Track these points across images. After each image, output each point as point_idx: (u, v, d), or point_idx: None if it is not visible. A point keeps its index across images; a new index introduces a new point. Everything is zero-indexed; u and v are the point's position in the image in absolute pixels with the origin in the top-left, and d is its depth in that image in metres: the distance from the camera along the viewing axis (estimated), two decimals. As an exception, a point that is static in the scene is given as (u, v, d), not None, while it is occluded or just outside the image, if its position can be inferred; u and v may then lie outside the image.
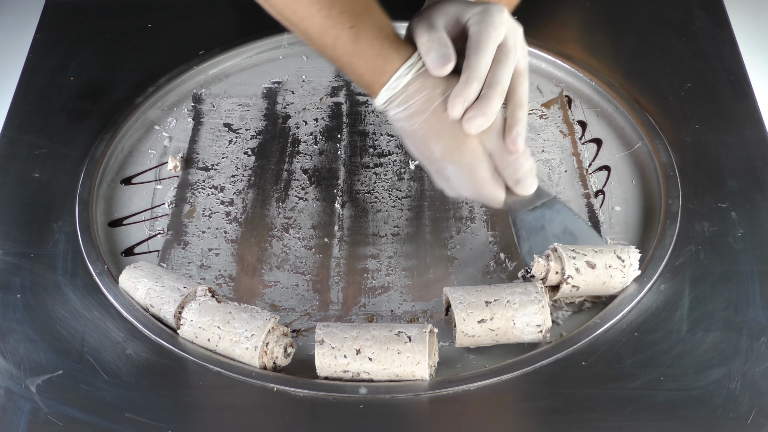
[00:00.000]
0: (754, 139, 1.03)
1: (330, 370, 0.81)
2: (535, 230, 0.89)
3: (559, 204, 0.91)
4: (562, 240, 0.89)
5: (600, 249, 0.87)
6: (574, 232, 0.90)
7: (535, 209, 0.89)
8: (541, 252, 0.87)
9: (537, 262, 0.86)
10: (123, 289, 0.89)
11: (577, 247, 0.87)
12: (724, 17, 1.20)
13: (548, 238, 0.89)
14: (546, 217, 0.89)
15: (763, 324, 0.85)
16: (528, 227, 0.89)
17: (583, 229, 0.91)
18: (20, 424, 0.79)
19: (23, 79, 1.14)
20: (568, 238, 0.89)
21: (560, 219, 0.90)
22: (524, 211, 0.89)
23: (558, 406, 0.80)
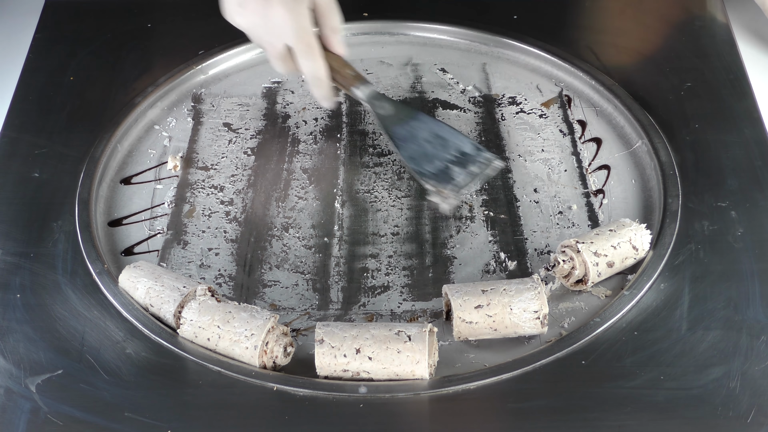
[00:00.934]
0: (753, 138, 1.04)
1: (330, 369, 0.81)
2: (408, 140, 0.99)
3: (422, 115, 1.02)
4: (432, 142, 0.98)
5: (617, 242, 0.89)
6: (442, 135, 0.99)
7: (404, 123, 1.00)
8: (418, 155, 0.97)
9: (560, 265, 0.89)
10: (123, 288, 0.89)
11: (595, 238, 0.89)
12: (723, 17, 1.20)
13: (421, 144, 0.98)
14: (414, 128, 1.00)
15: (762, 323, 0.85)
16: (402, 138, 0.99)
17: (448, 131, 1.00)
18: (20, 424, 0.79)
19: (23, 79, 1.14)
20: (439, 141, 0.99)
21: (426, 127, 1.00)
22: (395, 126, 1.00)
23: (558, 405, 0.80)
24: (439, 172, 0.96)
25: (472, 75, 1.17)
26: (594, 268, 0.88)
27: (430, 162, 0.97)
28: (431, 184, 0.95)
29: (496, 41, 1.19)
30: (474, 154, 0.97)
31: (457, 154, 0.97)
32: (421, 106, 1.13)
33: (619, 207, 0.99)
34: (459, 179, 0.95)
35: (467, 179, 0.96)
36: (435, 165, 0.97)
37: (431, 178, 0.95)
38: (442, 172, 0.96)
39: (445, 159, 0.97)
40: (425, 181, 0.95)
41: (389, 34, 1.22)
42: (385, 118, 1.01)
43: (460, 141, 0.99)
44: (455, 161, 0.97)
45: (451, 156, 0.97)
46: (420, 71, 1.17)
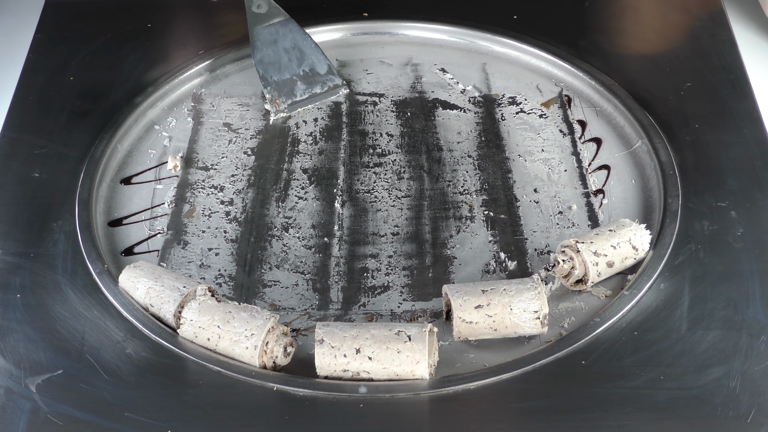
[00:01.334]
0: (753, 138, 1.04)
1: (330, 369, 0.81)
2: (268, 43, 1.01)
3: (293, 24, 1.02)
4: (289, 53, 1.00)
5: (617, 242, 0.89)
6: (303, 49, 1.01)
7: (271, 26, 1.01)
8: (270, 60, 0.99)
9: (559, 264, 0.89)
10: (123, 288, 0.89)
11: (595, 238, 0.89)
12: (723, 17, 1.20)
13: (279, 51, 1.00)
14: (279, 33, 1.01)
15: (762, 323, 0.85)
16: (262, 40, 1.00)
17: (311, 46, 1.01)
18: (20, 424, 0.78)
19: (23, 79, 1.14)
20: (297, 53, 1.01)
21: (292, 36, 1.01)
22: (260, 26, 1.00)
23: (558, 405, 0.80)
24: (282, 82, 0.98)
25: (472, 75, 1.17)
26: (594, 268, 0.88)
27: (278, 71, 0.99)
28: (269, 92, 0.97)
29: (496, 41, 1.19)
30: (324, 75, 0.99)
31: (308, 71, 0.99)
32: (421, 106, 1.13)
33: (619, 207, 0.99)
34: (298, 95, 0.98)
35: (306, 98, 0.98)
36: (282, 74, 0.99)
37: (272, 86, 0.97)
38: (286, 84, 0.98)
39: (294, 72, 0.99)
40: (265, 87, 0.97)
41: (389, 34, 1.22)
42: (255, 15, 1.01)
43: (318, 59, 1.00)
44: (303, 77, 0.99)
45: (302, 71, 0.99)
46: (420, 71, 1.17)
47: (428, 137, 1.09)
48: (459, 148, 1.07)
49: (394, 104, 1.13)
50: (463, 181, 1.03)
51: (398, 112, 1.12)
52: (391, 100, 1.14)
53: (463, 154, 1.07)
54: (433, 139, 1.09)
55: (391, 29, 1.22)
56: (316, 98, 0.97)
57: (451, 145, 1.08)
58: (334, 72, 0.98)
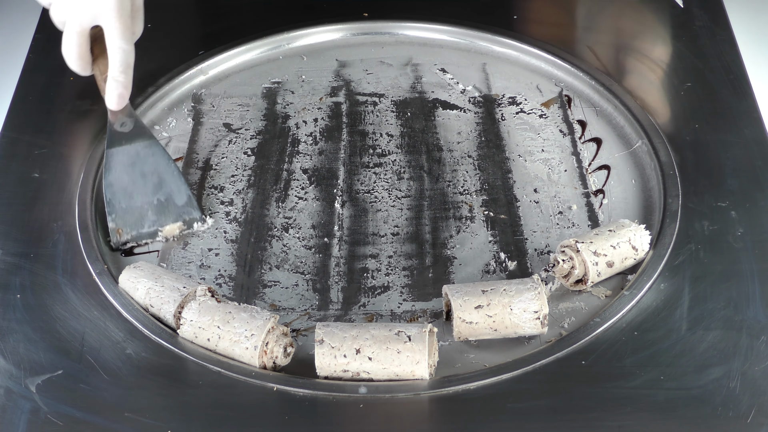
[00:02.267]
0: (753, 138, 1.04)
1: (330, 369, 0.81)
2: (123, 165, 0.94)
3: (157, 147, 0.95)
4: (147, 179, 0.94)
5: (617, 242, 0.89)
6: (163, 176, 0.94)
7: (131, 146, 0.94)
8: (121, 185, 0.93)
9: (559, 264, 0.89)
10: (123, 289, 0.89)
11: (595, 238, 0.89)
12: (723, 17, 1.20)
13: (134, 175, 0.94)
14: (140, 156, 0.94)
15: (762, 323, 0.85)
16: (118, 161, 0.94)
17: (173, 174, 0.95)
18: (20, 424, 0.78)
19: (23, 79, 1.14)
20: (155, 179, 0.94)
21: (153, 161, 0.95)
22: (119, 146, 0.94)
23: (557, 405, 0.80)
24: (130, 210, 0.94)
25: (472, 75, 1.17)
26: (593, 268, 0.88)
27: (129, 197, 0.94)
28: (113, 220, 0.93)
29: (496, 41, 1.19)
30: (181, 207, 0.95)
31: (163, 200, 0.94)
32: (421, 106, 1.13)
33: (619, 207, 0.99)
34: (145, 226, 0.94)
35: (153, 229, 0.94)
36: (132, 201, 0.94)
37: (117, 213, 0.93)
38: (134, 212, 0.94)
39: (147, 200, 0.94)
40: (110, 215, 0.93)
41: (389, 34, 1.22)
42: (116, 134, 0.95)
43: (179, 189, 0.95)
44: (156, 206, 0.94)
45: (156, 200, 0.94)
46: (420, 71, 1.17)
47: (428, 137, 1.09)
48: (459, 148, 1.07)
49: (394, 104, 1.13)
50: (463, 181, 1.03)
51: (398, 112, 1.12)
52: (391, 100, 1.14)
53: (463, 154, 1.07)
54: (433, 139, 1.09)
55: (391, 29, 1.22)
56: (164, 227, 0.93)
57: (451, 145, 1.08)
58: (194, 205, 0.94)
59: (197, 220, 0.95)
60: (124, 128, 0.95)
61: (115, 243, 0.94)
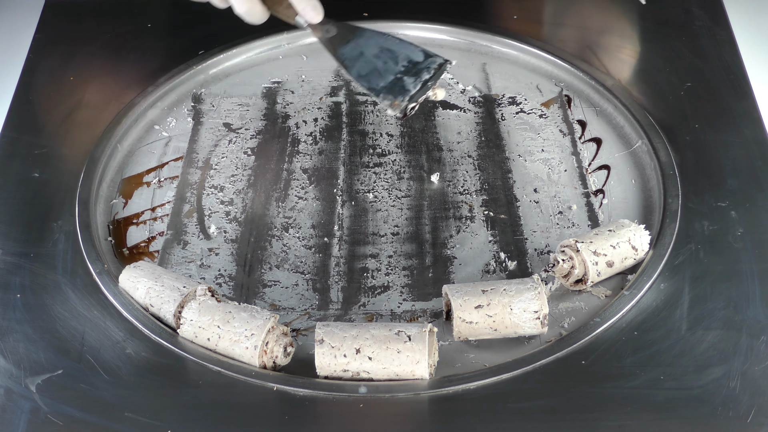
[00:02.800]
0: (753, 138, 1.04)
1: (330, 369, 0.81)
2: (356, 59, 0.98)
3: (367, 31, 1.00)
4: (381, 57, 0.98)
5: (617, 242, 0.89)
6: (390, 48, 0.99)
7: (349, 42, 0.99)
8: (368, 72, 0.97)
9: (559, 264, 0.89)
10: (123, 288, 0.89)
11: (595, 238, 0.89)
12: (723, 17, 1.20)
13: (369, 59, 0.98)
14: (361, 45, 0.99)
15: (762, 323, 0.85)
16: (350, 57, 0.98)
17: (396, 42, 0.99)
18: (20, 424, 0.79)
19: (23, 79, 1.14)
20: (387, 54, 0.98)
21: (373, 42, 0.99)
22: (341, 46, 0.99)
23: (557, 405, 0.80)
24: (390, 84, 0.96)
25: (472, 75, 1.17)
26: (593, 267, 0.88)
27: (380, 77, 0.97)
28: (386, 98, 0.95)
29: (496, 41, 1.19)
30: (422, 61, 0.97)
31: (407, 64, 0.98)
32: (421, 106, 1.12)
33: (619, 207, 0.99)
34: (411, 88, 0.96)
35: (419, 86, 0.96)
36: (386, 79, 0.97)
37: (384, 92, 0.96)
38: (394, 84, 0.96)
39: (395, 71, 0.97)
40: (379, 96, 0.96)
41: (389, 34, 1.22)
42: (330, 40, 1.00)
43: (409, 50, 0.99)
44: (405, 71, 0.97)
45: (401, 66, 0.97)
46: (420, 71, 1.17)
47: (428, 137, 1.09)
48: (459, 148, 1.07)
49: (394, 104, 1.13)
50: (463, 181, 1.03)
51: (398, 112, 1.12)
52: (391, 100, 1.13)
53: (463, 154, 1.07)
54: (433, 139, 1.09)
55: (391, 29, 1.22)
56: (429, 82, 0.97)
57: (451, 145, 1.08)
58: (429, 52, 0.98)
59: (444, 63, 0.98)
60: (330, 34, 1.00)
61: (401, 112, 0.96)
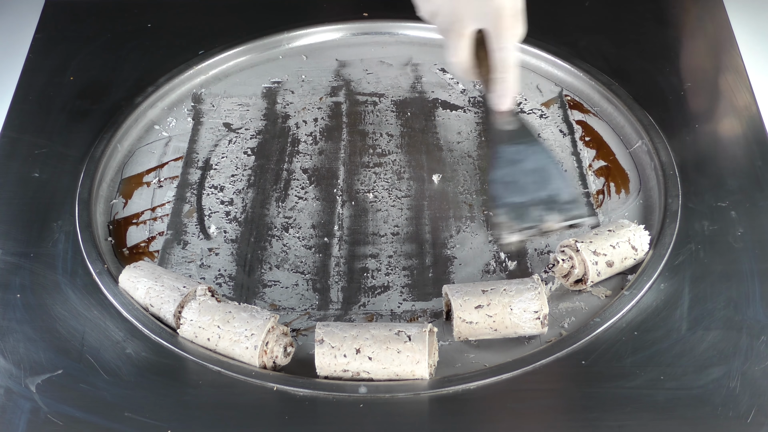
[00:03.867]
0: (753, 138, 1.04)
1: (330, 369, 0.81)
2: (509, 163, 0.92)
3: (540, 146, 0.93)
4: (533, 176, 0.91)
5: (616, 242, 0.89)
6: (548, 172, 0.91)
7: (514, 144, 0.93)
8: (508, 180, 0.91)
9: (559, 264, 0.89)
10: (123, 288, 0.89)
11: (594, 237, 0.89)
12: (723, 17, 1.20)
13: (520, 172, 0.91)
14: (523, 154, 0.92)
15: (762, 323, 0.85)
16: (505, 158, 0.92)
17: (557, 171, 0.92)
18: (20, 424, 0.78)
19: (23, 79, 1.14)
20: (540, 176, 0.91)
21: (536, 158, 0.92)
22: (507, 144, 0.93)
23: (558, 405, 0.80)
24: (517, 205, 0.89)
25: (472, 75, 1.16)
26: (593, 267, 0.88)
27: (516, 192, 0.90)
28: (503, 213, 0.88)
29: (496, 41, 1.19)
30: (566, 203, 0.89)
31: (549, 197, 0.90)
32: (421, 106, 1.13)
33: (619, 207, 0.99)
34: (531, 222, 0.88)
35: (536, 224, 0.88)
36: (518, 197, 0.89)
37: (507, 207, 0.89)
38: (520, 208, 0.89)
39: (533, 197, 0.89)
40: (496, 207, 0.89)
41: (389, 34, 1.22)
42: (501, 133, 0.94)
43: (562, 185, 0.90)
44: (542, 203, 0.89)
45: (542, 196, 0.89)
46: (420, 71, 1.17)
47: (428, 137, 1.09)
48: (459, 148, 1.07)
49: (394, 104, 1.13)
50: (463, 181, 1.03)
51: (398, 112, 1.12)
52: (391, 100, 1.14)
53: (463, 154, 1.07)
54: (433, 139, 1.09)
55: (391, 29, 1.22)
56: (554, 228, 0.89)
57: (451, 145, 1.08)
58: (580, 200, 0.90)
59: (584, 216, 0.89)
60: (510, 126, 0.94)
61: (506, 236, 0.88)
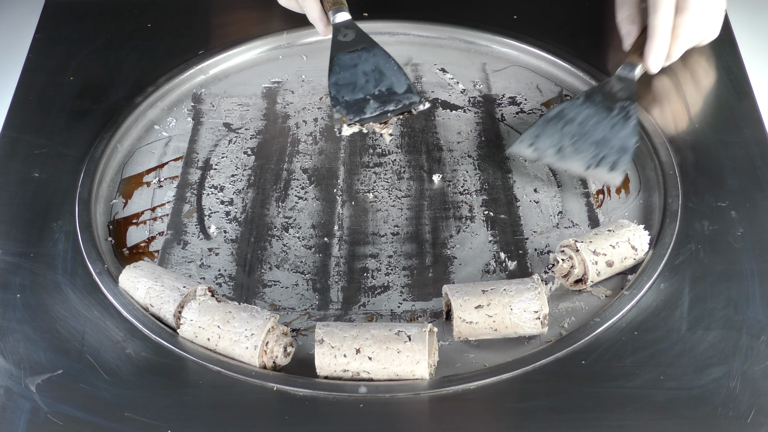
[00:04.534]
0: (753, 138, 1.04)
1: (330, 369, 0.81)
2: (346, 68, 1.02)
3: (378, 49, 1.04)
4: (370, 77, 1.02)
5: (616, 241, 0.89)
6: (383, 71, 1.02)
7: (354, 51, 1.02)
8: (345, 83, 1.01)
9: (558, 264, 0.89)
10: (123, 288, 0.89)
11: (594, 237, 0.89)
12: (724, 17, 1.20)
13: (357, 74, 1.02)
14: (361, 58, 1.03)
15: (762, 323, 0.85)
16: (341, 65, 1.02)
17: (393, 68, 1.03)
18: (20, 424, 0.79)
19: (23, 79, 1.14)
20: (376, 75, 1.02)
21: (374, 60, 1.02)
22: (343, 52, 1.03)
23: (558, 405, 0.80)
24: (354, 101, 0.99)
25: (472, 75, 1.17)
26: (593, 267, 0.88)
27: (351, 91, 1.01)
28: (338, 111, 0.99)
29: (496, 41, 1.19)
30: (401, 94, 1.00)
31: (384, 90, 1.00)
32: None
33: (619, 207, 0.99)
34: (367, 113, 1.00)
35: (376, 114, 0.99)
36: (354, 95, 1.00)
37: (341, 105, 0.99)
38: (357, 103, 0.99)
39: (369, 92, 1.00)
40: (334, 107, 0.99)
41: (389, 34, 1.22)
42: (339, 44, 1.04)
43: (398, 80, 1.01)
44: (377, 96, 1.00)
45: (378, 91, 1.00)
46: (420, 71, 1.17)
47: (428, 137, 1.09)
48: (459, 148, 1.07)
49: (394, 104, 1.13)
50: (463, 181, 1.03)
51: (398, 112, 1.12)
52: (391, 100, 1.14)
53: (463, 154, 1.07)
54: (433, 139, 1.09)
55: (391, 29, 1.22)
56: (388, 114, 1.00)
57: (451, 145, 1.08)
58: (413, 90, 1.01)
59: (417, 103, 1.00)
60: (347, 38, 1.04)
61: (338, 129, 1.01)
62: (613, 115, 1.00)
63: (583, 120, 1.01)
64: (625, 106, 1.00)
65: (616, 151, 0.99)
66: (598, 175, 0.98)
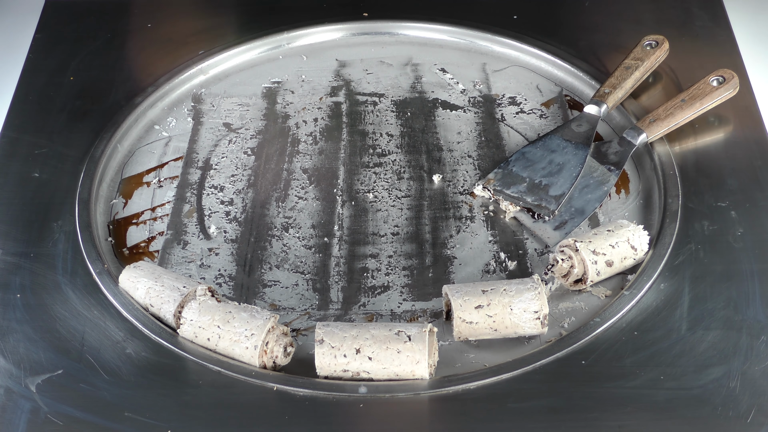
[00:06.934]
0: (753, 138, 1.04)
1: (330, 369, 0.81)
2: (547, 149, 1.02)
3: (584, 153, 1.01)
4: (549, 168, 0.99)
5: (615, 241, 0.89)
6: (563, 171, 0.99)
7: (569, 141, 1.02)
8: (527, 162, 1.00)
9: (558, 264, 0.89)
10: (123, 288, 0.89)
11: (593, 237, 0.89)
12: (724, 17, 1.20)
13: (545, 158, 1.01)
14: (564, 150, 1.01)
15: (762, 323, 0.85)
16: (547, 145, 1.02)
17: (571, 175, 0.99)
18: (20, 424, 0.79)
19: (23, 79, 1.14)
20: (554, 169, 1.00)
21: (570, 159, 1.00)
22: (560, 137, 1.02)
23: (558, 405, 0.80)
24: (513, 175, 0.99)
25: (472, 75, 1.17)
26: (593, 267, 0.88)
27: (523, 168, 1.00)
28: (494, 173, 0.99)
29: (496, 41, 1.19)
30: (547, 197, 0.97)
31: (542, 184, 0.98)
32: (421, 106, 1.13)
33: (619, 207, 0.99)
34: (510, 191, 0.98)
35: (514, 195, 0.98)
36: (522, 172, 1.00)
37: (502, 171, 0.99)
38: (514, 178, 0.99)
39: (532, 177, 0.99)
40: (498, 169, 1.00)
41: (389, 34, 1.22)
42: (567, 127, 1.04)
43: (562, 184, 0.98)
44: (533, 185, 0.99)
45: (538, 181, 0.99)
46: (420, 71, 1.17)
47: (428, 137, 1.09)
48: (459, 148, 1.07)
49: (394, 104, 1.13)
50: (463, 181, 1.03)
51: (398, 112, 1.12)
52: (391, 100, 1.14)
53: (463, 154, 1.07)
54: (433, 139, 1.09)
55: (391, 29, 1.22)
56: (519, 201, 0.98)
57: (451, 145, 1.08)
58: (559, 202, 0.97)
59: (546, 212, 0.97)
60: (579, 129, 1.03)
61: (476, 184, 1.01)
62: (593, 175, 1.00)
63: (562, 162, 1.00)
64: (609, 170, 1.00)
65: (572, 212, 0.97)
66: (539, 230, 0.97)
